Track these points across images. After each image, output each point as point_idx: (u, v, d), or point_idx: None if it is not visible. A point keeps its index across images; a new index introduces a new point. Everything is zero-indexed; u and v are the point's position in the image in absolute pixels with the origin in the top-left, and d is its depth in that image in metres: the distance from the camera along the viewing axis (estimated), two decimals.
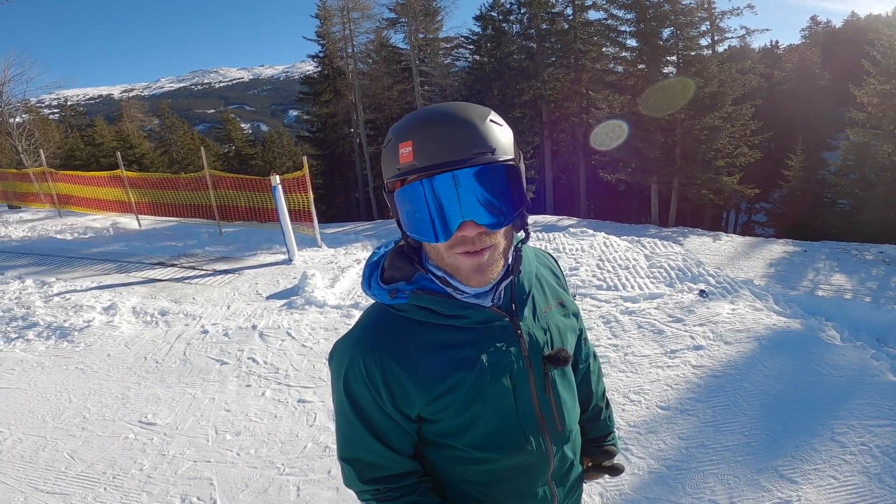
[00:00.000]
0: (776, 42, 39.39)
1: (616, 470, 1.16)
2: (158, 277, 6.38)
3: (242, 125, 43.50)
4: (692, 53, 18.79)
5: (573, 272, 5.36)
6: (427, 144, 0.74)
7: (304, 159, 8.57)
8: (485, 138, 0.75)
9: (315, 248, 7.50)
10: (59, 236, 9.29)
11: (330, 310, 4.83)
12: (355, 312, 4.70)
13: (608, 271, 5.36)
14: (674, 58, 18.98)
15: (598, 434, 1.20)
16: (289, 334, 4.34)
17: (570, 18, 23.06)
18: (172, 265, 6.93)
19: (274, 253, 7.22)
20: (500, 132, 0.77)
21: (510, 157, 0.77)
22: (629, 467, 2.53)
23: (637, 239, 6.77)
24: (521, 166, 0.81)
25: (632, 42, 19.93)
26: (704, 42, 19.02)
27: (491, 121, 0.77)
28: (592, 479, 1.19)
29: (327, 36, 26.00)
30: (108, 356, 4.22)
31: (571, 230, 7.04)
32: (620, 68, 21.09)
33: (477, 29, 24.72)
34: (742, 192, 19.08)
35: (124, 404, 3.48)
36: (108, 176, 10.57)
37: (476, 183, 0.75)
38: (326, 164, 28.38)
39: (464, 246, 0.78)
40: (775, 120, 25.38)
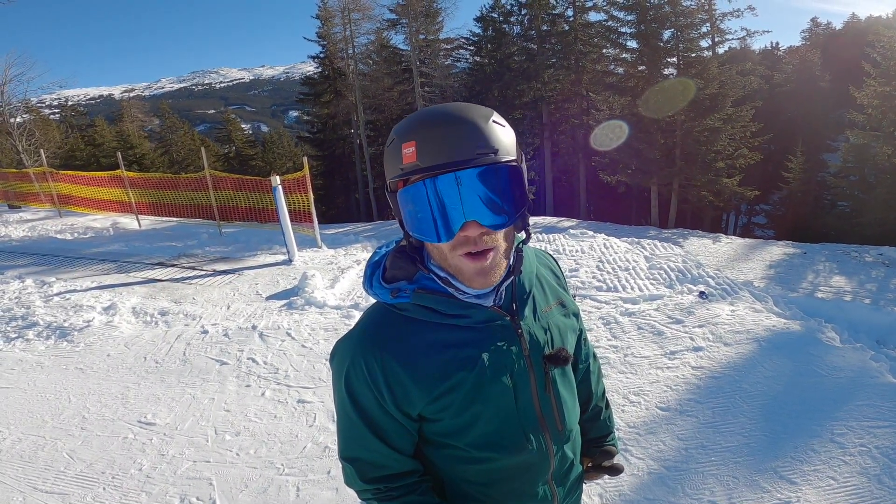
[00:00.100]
0: (776, 44, 39.30)
1: (616, 470, 1.17)
2: (158, 277, 6.38)
3: (243, 126, 43.49)
4: (692, 55, 18.76)
5: (573, 273, 5.36)
6: (430, 145, 0.74)
7: (305, 160, 8.58)
8: (488, 139, 0.75)
9: (315, 249, 7.50)
10: (60, 236, 9.29)
11: (330, 310, 4.83)
12: (355, 313, 4.70)
13: (608, 273, 5.36)
14: (674, 59, 18.95)
15: (598, 434, 1.21)
16: (289, 335, 4.35)
17: (571, 20, 23.03)
18: (172, 265, 6.93)
19: (274, 253, 7.23)
20: (503, 133, 0.78)
21: (513, 158, 0.78)
22: (629, 468, 2.53)
23: (637, 240, 6.77)
24: (524, 167, 0.82)
25: (632, 43, 19.91)
26: (705, 43, 19.01)
27: (494, 121, 0.77)
28: (592, 480, 1.19)
29: (328, 37, 26.01)
30: (108, 356, 4.23)
31: (571, 231, 7.04)
32: (621, 70, 21.04)
33: (477, 30, 24.74)
34: (742, 194, 19.06)
35: (124, 404, 3.48)
36: (109, 176, 10.57)
37: (479, 183, 0.75)
38: (326, 165, 28.38)
39: (466, 246, 0.78)
40: (775, 122, 25.41)
